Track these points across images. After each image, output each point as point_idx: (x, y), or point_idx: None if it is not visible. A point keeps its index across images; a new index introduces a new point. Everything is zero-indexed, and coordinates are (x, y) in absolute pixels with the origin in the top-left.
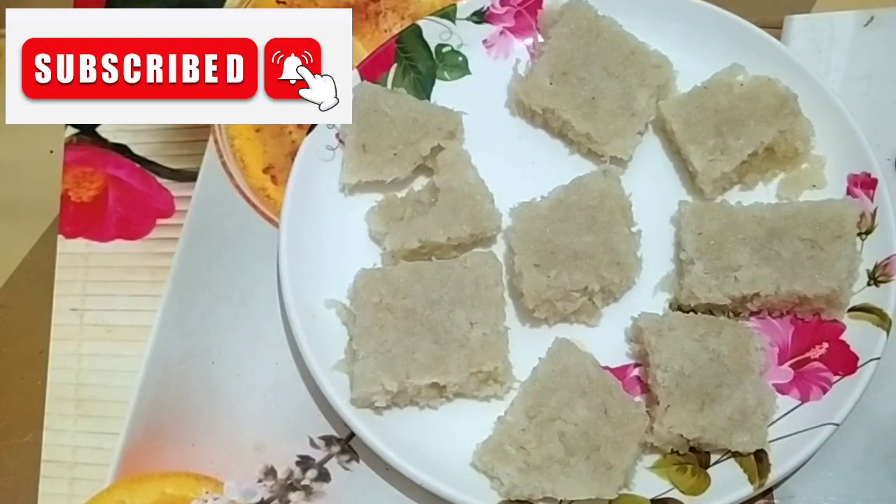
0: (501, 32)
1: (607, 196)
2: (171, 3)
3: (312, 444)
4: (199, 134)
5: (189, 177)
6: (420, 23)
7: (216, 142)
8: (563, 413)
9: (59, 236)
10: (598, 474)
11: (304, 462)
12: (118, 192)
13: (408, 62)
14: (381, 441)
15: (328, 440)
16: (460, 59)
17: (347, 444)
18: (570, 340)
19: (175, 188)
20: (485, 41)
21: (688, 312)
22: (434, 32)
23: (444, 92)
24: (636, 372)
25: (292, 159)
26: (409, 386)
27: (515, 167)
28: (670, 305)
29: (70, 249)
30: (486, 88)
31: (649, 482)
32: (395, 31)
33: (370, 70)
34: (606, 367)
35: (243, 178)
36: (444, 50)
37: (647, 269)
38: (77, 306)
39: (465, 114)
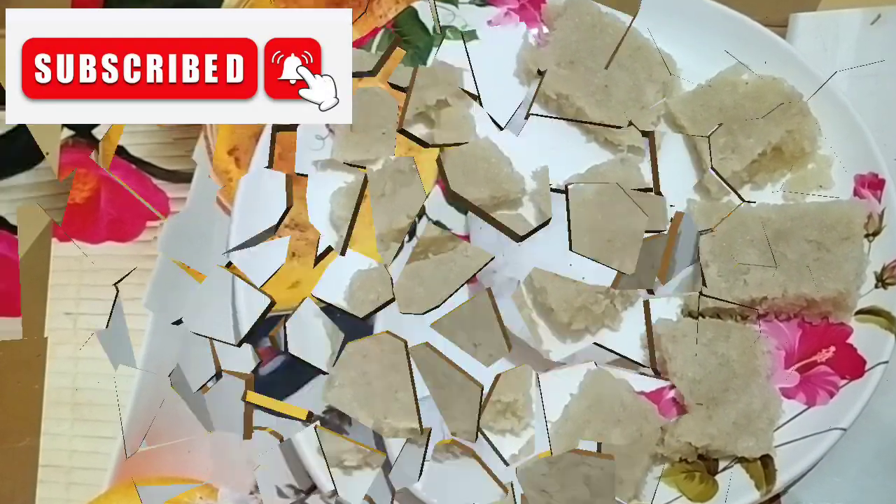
0: (506, 14)
1: (626, 185)
2: (170, 3)
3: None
4: (192, 132)
5: (184, 178)
6: (416, 5)
7: (206, 138)
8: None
9: (53, 239)
10: None
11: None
12: (110, 193)
13: (406, 44)
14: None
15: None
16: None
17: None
18: (604, 370)
19: (170, 189)
20: (489, 22)
21: (696, 318)
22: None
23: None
24: (672, 394)
25: (257, 141)
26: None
27: (530, 156)
28: (682, 311)
29: (64, 253)
30: (494, 53)
31: (657, 490)
32: (391, 16)
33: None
34: (641, 392)
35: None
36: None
37: None
38: (71, 310)
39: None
